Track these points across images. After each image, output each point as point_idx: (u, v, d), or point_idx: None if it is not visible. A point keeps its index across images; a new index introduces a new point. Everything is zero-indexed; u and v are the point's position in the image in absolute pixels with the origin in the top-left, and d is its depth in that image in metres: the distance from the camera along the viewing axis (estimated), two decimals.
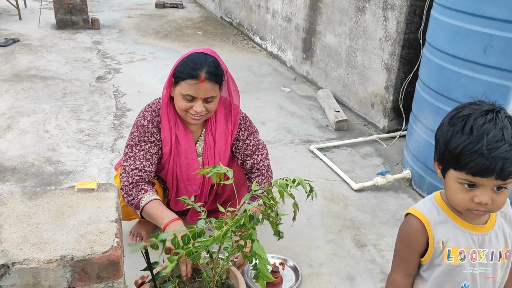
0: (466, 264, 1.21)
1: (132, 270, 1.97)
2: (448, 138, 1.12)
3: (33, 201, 1.46)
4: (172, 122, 2.03)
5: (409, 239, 1.24)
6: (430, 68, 2.59)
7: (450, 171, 1.14)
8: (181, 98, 1.93)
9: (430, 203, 1.25)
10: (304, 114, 3.82)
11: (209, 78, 1.89)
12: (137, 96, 3.98)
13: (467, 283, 1.22)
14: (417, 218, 1.23)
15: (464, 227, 1.21)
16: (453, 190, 1.15)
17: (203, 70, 1.88)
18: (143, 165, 1.97)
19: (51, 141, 3.17)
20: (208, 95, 1.92)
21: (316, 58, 4.33)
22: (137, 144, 1.99)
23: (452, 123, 1.13)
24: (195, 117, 1.96)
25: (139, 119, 2.03)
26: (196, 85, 1.88)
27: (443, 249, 1.20)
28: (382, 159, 3.17)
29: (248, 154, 2.14)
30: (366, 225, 2.46)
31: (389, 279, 1.33)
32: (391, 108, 3.42)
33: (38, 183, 2.68)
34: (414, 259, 1.26)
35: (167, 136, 2.02)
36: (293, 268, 2.12)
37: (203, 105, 1.93)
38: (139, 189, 1.93)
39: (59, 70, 4.51)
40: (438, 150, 1.17)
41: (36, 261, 1.24)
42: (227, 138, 2.12)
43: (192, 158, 2.07)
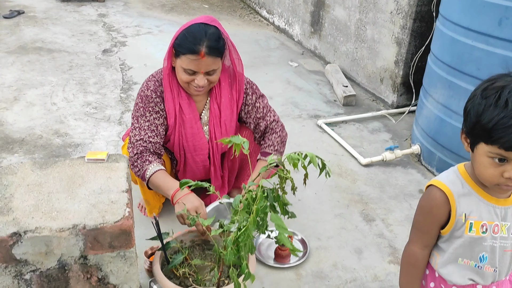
0: (487, 237, 1.20)
1: (141, 240, 1.98)
2: (481, 111, 1.08)
3: (43, 171, 1.46)
4: (175, 92, 2.00)
5: (431, 211, 1.23)
6: (443, 42, 2.54)
7: (481, 145, 1.11)
8: (182, 71, 1.90)
9: (454, 175, 1.23)
10: (312, 89, 3.78)
11: (209, 53, 1.84)
12: (144, 69, 3.94)
13: (485, 255, 1.22)
14: (440, 189, 1.21)
15: (487, 200, 1.19)
16: (482, 165, 1.12)
17: (203, 44, 1.83)
18: (147, 136, 1.96)
19: (58, 113, 3.16)
20: (209, 69, 1.88)
21: (324, 32, 4.26)
22: (142, 115, 1.98)
23: (485, 95, 1.09)
24: (197, 89, 1.94)
25: (143, 89, 2.01)
26: (197, 60, 1.84)
27: (465, 222, 1.19)
28: (390, 134, 3.15)
29: (260, 117, 2.12)
30: (374, 200, 2.46)
31: (406, 249, 1.32)
32: (401, 83, 3.37)
33: (47, 155, 2.68)
34: (434, 231, 1.25)
35: (171, 106, 2.00)
36: (301, 241, 2.13)
37: (205, 78, 1.90)
38: (144, 160, 1.92)
39: (65, 42, 4.46)
40: (468, 123, 1.13)
41: (48, 229, 1.24)
42: (233, 107, 2.09)
43: (197, 128, 2.05)
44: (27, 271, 1.28)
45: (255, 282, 1.90)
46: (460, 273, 1.25)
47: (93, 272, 1.33)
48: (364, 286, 1.92)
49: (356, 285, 1.92)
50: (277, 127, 2.14)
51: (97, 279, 1.34)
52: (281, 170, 1.40)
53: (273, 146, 2.09)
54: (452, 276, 1.26)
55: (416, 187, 2.58)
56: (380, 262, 2.05)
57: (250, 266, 1.64)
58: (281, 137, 2.14)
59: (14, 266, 1.26)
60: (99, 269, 1.33)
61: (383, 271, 2.00)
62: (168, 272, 1.65)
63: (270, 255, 2.05)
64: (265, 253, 2.06)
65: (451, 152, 2.53)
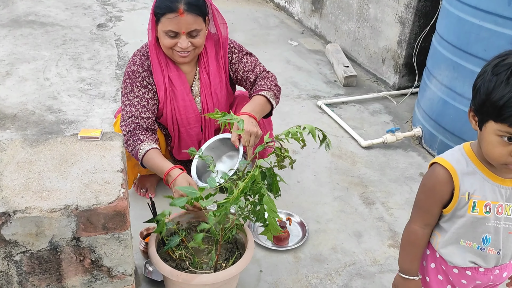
0: (491, 217, 1.17)
1: (136, 221, 1.93)
2: (491, 88, 1.04)
3: (34, 148, 1.39)
4: (163, 64, 1.94)
5: (433, 189, 1.19)
6: (449, 21, 2.46)
7: (489, 123, 1.07)
8: (164, 35, 1.84)
9: (459, 153, 1.19)
10: (312, 69, 3.70)
11: (188, 10, 1.78)
12: (139, 45, 3.83)
13: (488, 236, 1.19)
14: (444, 167, 1.17)
15: (492, 180, 1.16)
16: (490, 143, 1.08)
17: (181, 1, 1.77)
18: (139, 112, 1.90)
19: (51, 89, 3.07)
20: (191, 29, 1.82)
21: (325, 11, 4.16)
22: (130, 92, 1.92)
23: (496, 72, 1.04)
24: (182, 54, 1.87)
25: (129, 65, 1.95)
26: (176, 18, 1.78)
27: (468, 201, 1.16)
28: (391, 116, 3.09)
29: (248, 70, 2.04)
30: (374, 183, 2.41)
31: (407, 228, 1.29)
32: (403, 64, 3.30)
33: (39, 132, 2.61)
34: (435, 210, 1.22)
35: (159, 79, 1.94)
36: (300, 223, 2.09)
37: (188, 40, 1.84)
38: (136, 139, 1.86)
39: (58, 16, 4.34)
40: (477, 100, 1.09)
41: (38, 209, 1.19)
42: (221, 74, 2.03)
43: (189, 100, 2.00)
44: (17, 252, 1.22)
45: (253, 265, 1.86)
46: (461, 255, 1.23)
47: (86, 254, 1.28)
48: (363, 269, 1.89)
49: (355, 268, 1.89)
50: (269, 75, 2.06)
51: (90, 261, 1.29)
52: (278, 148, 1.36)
53: (266, 86, 1.99)
54: (453, 257, 1.23)
55: (417, 170, 2.54)
56: (379, 245, 2.01)
57: (248, 244, 1.60)
58: (274, 82, 2.04)
59: (3, 247, 1.20)
60: (92, 251, 1.28)
61: (382, 254, 1.97)
62: (164, 255, 1.61)
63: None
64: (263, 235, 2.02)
65: (454, 135, 2.48)
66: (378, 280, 1.84)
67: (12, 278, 1.26)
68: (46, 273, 1.28)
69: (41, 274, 1.27)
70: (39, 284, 1.29)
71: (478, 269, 1.24)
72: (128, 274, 1.36)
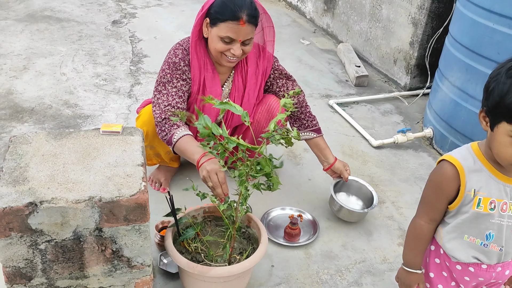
0: (495, 214, 1.20)
1: (151, 215, 1.98)
2: (506, 90, 1.07)
3: (58, 141, 1.44)
4: (202, 63, 1.99)
5: (440, 185, 1.23)
6: (463, 23, 2.48)
7: (502, 124, 1.10)
8: (218, 39, 1.87)
9: (467, 151, 1.22)
10: (324, 68, 3.73)
11: (249, 21, 1.83)
12: (154, 42, 3.89)
13: (492, 233, 1.22)
14: (451, 164, 1.20)
15: (498, 178, 1.19)
16: (502, 144, 1.11)
17: (244, 12, 1.81)
18: (175, 102, 1.93)
19: (68, 84, 3.13)
20: (247, 37, 1.87)
21: (338, 10, 4.18)
22: (169, 82, 1.95)
23: (510, 75, 1.08)
24: (231, 59, 1.92)
25: (170, 56, 1.98)
26: (237, 27, 1.82)
27: (474, 197, 1.19)
28: (402, 116, 3.11)
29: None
30: (385, 182, 2.44)
31: (413, 222, 1.33)
32: (415, 65, 3.32)
33: (57, 125, 2.67)
34: (441, 206, 1.26)
35: (196, 75, 1.99)
36: (311, 220, 2.13)
37: (241, 47, 1.88)
38: (171, 125, 1.89)
39: (74, 12, 4.40)
40: (490, 102, 1.12)
41: (64, 200, 1.24)
42: (258, 76, 2.09)
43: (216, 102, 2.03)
44: (42, 241, 1.27)
45: (265, 260, 1.90)
46: (465, 250, 1.26)
47: (108, 244, 1.33)
48: (373, 267, 1.92)
49: (365, 265, 1.92)
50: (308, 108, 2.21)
51: (111, 251, 1.34)
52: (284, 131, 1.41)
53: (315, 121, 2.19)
54: (456, 253, 1.26)
55: (427, 170, 2.56)
56: (389, 244, 2.05)
57: (262, 239, 1.64)
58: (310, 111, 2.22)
59: (29, 235, 1.25)
60: (113, 241, 1.33)
61: (392, 253, 2.00)
62: (179, 247, 1.65)
63: (280, 233, 2.05)
64: (275, 231, 2.06)
65: (465, 136, 2.50)
66: (388, 278, 1.87)
67: (37, 266, 1.31)
68: (69, 262, 1.33)
69: (64, 263, 1.33)
70: (62, 272, 1.34)
71: (480, 266, 1.27)
72: (147, 265, 1.41)
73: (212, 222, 1.79)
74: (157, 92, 1.96)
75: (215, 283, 1.56)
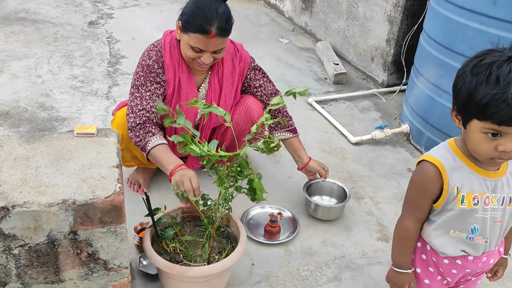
0: (479, 209, 1.22)
1: (130, 216, 1.96)
2: (472, 88, 1.09)
3: (31, 145, 1.42)
4: (176, 63, 1.97)
5: (424, 185, 1.24)
6: (436, 20, 2.52)
7: (473, 122, 1.12)
8: (188, 47, 1.86)
9: (445, 149, 1.24)
10: (302, 66, 3.75)
11: (219, 34, 1.81)
12: (132, 43, 3.86)
13: (477, 226, 1.24)
14: (432, 164, 1.22)
15: (478, 173, 1.21)
16: (475, 140, 1.13)
17: (214, 25, 1.79)
18: (150, 106, 1.92)
19: (44, 86, 3.09)
20: (217, 48, 1.86)
21: (315, 9, 4.20)
22: (143, 85, 1.94)
23: (475, 73, 1.09)
24: (202, 66, 1.91)
25: (144, 58, 1.96)
26: (206, 40, 1.81)
27: (457, 195, 1.21)
28: (380, 113, 3.15)
29: (269, 93, 2.19)
30: (364, 178, 2.47)
31: (399, 224, 1.34)
32: (391, 62, 3.36)
33: (32, 129, 2.63)
34: (426, 205, 1.27)
35: (171, 77, 1.97)
36: (291, 218, 2.14)
37: (211, 56, 1.87)
38: (147, 131, 1.89)
39: (49, 13, 4.33)
40: (459, 101, 1.14)
41: (37, 204, 1.22)
42: (234, 77, 2.08)
43: None
44: (16, 246, 1.25)
45: (245, 258, 1.91)
46: (452, 245, 1.28)
47: (83, 247, 1.31)
48: (352, 262, 1.94)
49: (344, 261, 1.94)
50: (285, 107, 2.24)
51: (87, 254, 1.33)
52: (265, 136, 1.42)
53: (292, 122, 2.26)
54: (444, 248, 1.28)
55: (404, 165, 2.60)
56: (368, 239, 2.07)
57: (241, 238, 1.64)
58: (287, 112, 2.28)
59: (2, 240, 1.23)
60: (89, 244, 1.31)
61: (371, 247, 2.02)
62: (158, 248, 1.65)
63: (260, 231, 2.05)
64: (255, 229, 2.07)
65: (440, 131, 2.54)
66: (367, 272, 1.89)
67: (11, 271, 1.29)
68: (44, 266, 1.31)
69: (39, 267, 1.31)
70: (37, 276, 1.32)
71: (467, 258, 1.29)
72: (124, 267, 1.40)
73: (191, 222, 1.79)
74: (131, 96, 1.95)
75: (194, 283, 1.56)
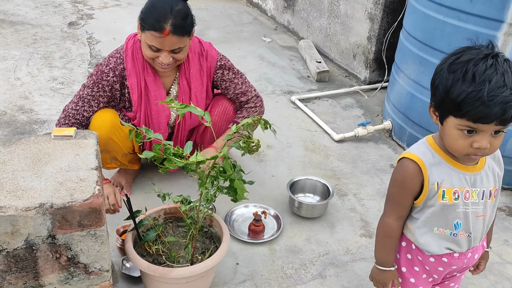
0: (459, 203, 1.23)
1: (113, 219, 1.95)
2: (449, 86, 1.10)
3: (7, 148, 1.40)
4: (140, 67, 1.93)
5: (404, 182, 1.25)
6: (415, 17, 2.54)
7: (450, 118, 1.13)
8: (146, 46, 1.82)
9: (424, 146, 1.25)
10: (285, 65, 3.75)
11: (174, 31, 1.75)
12: (113, 43, 3.81)
13: (459, 221, 1.25)
14: (412, 161, 1.23)
15: (457, 168, 1.22)
16: (451, 137, 1.14)
17: (168, 22, 1.74)
18: (83, 109, 1.92)
19: (23, 89, 3.04)
20: (174, 47, 1.80)
21: (297, 7, 4.21)
22: (89, 87, 1.93)
23: (452, 70, 1.10)
24: (162, 66, 1.86)
25: (103, 63, 1.94)
26: (160, 38, 1.76)
27: (438, 190, 1.22)
28: (363, 110, 3.17)
29: (239, 93, 2.12)
30: (347, 175, 2.48)
31: (381, 222, 1.34)
32: (373, 59, 3.38)
33: (12, 132, 2.58)
34: (408, 202, 1.28)
35: (134, 82, 1.93)
36: (275, 216, 2.14)
37: (170, 55, 1.82)
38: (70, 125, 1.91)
39: (28, 14, 4.26)
40: (436, 98, 1.15)
41: (13, 208, 1.20)
42: (202, 77, 2.04)
43: (163, 105, 1.99)
44: None
45: (229, 257, 1.90)
46: (437, 243, 1.28)
47: (62, 251, 1.29)
48: (336, 259, 1.95)
49: (328, 258, 1.95)
50: (258, 102, 2.16)
51: (66, 258, 1.31)
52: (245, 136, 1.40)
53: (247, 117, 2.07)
54: (429, 246, 1.29)
55: (387, 162, 2.62)
56: (352, 235, 2.08)
57: (224, 237, 1.63)
58: (259, 112, 2.15)
59: None
60: (68, 248, 1.29)
61: (355, 244, 2.03)
62: (141, 250, 1.63)
63: (244, 230, 2.05)
64: (239, 228, 2.06)
65: (421, 127, 2.57)
66: (351, 269, 1.90)
67: None
68: (22, 271, 1.29)
69: (17, 273, 1.28)
70: (16, 282, 1.30)
71: (453, 255, 1.30)
72: (105, 270, 1.38)
73: (173, 223, 1.78)
74: (77, 92, 1.95)
75: (178, 284, 1.55)
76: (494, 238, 2.07)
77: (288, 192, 2.15)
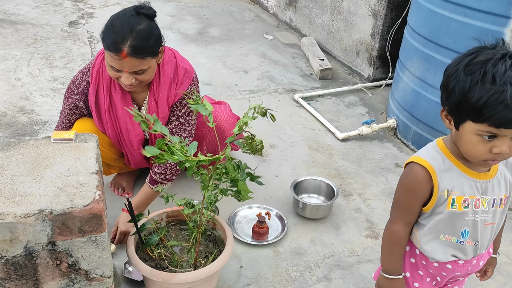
0: (469, 212, 1.18)
1: (114, 222, 1.93)
2: (467, 88, 1.02)
3: (5, 152, 1.37)
4: (106, 85, 1.80)
5: (413, 188, 1.19)
6: (420, 14, 2.50)
7: (468, 123, 1.06)
8: (108, 65, 1.69)
9: (434, 150, 1.19)
10: (288, 63, 3.71)
11: (133, 54, 1.60)
12: None
13: (467, 229, 1.20)
14: (422, 166, 1.17)
15: (468, 175, 1.17)
16: (470, 143, 1.08)
17: (126, 44, 1.58)
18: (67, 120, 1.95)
19: (23, 89, 3.01)
20: (135, 69, 1.66)
21: (300, 4, 4.17)
22: (63, 102, 1.95)
23: (470, 71, 1.03)
24: (126, 86, 1.72)
25: (72, 79, 1.90)
26: (118, 59, 1.62)
27: (448, 197, 1.17)
28: (366, 108, 3.13)
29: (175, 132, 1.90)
30: (351, 175, 2.45)
31: (389, 229, 1.29)
32: (377, 56, 3.34)
33: (12, 134, 2.56)
34: (416, 209, 1.22)
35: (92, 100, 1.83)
36: (279, 217, 2.11)
37: (131, 76, 1.68)
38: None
39: (28, 14, 4.24)
40: (451, 101, 1.08)
41: (12, 215, 1.17)
42: (170, 104, 1.88)
43: (133, 124, 1.86)
44: None
45: (233, 260, 1.87)
46: (442, 250, 1.23)
47: (63, 258, 1.27)
48: (342, 260, 1.92)
49: (334, 260, 1.92)
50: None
51: (67, 265, 1.28)
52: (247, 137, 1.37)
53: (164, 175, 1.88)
54: (435, 254, 1.24)
55: (392, 161, 2.59)
56: (357, 236, 2.05)
57: (228, 241, 1.61)
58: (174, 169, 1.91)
59: None
60: (69, 255, 1.27)
61: (360, 245, 2.00)
62: (143, 254, 1.61)
63: (248, 232, 2.02)
64: (243, 230, 2.03)
65: (427, 125, 2.53)
66: (357, 271, 1.87)
67: None
68: (22, 279, 1.26)
69: (17, 280, 1.26)
70: None
71: (457, 262, 1.25)
72: (107, 276, 1.35)
73: (176, 226, 1.75)
74: None
75: None
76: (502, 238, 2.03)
77: (292, 193, 2.12)
